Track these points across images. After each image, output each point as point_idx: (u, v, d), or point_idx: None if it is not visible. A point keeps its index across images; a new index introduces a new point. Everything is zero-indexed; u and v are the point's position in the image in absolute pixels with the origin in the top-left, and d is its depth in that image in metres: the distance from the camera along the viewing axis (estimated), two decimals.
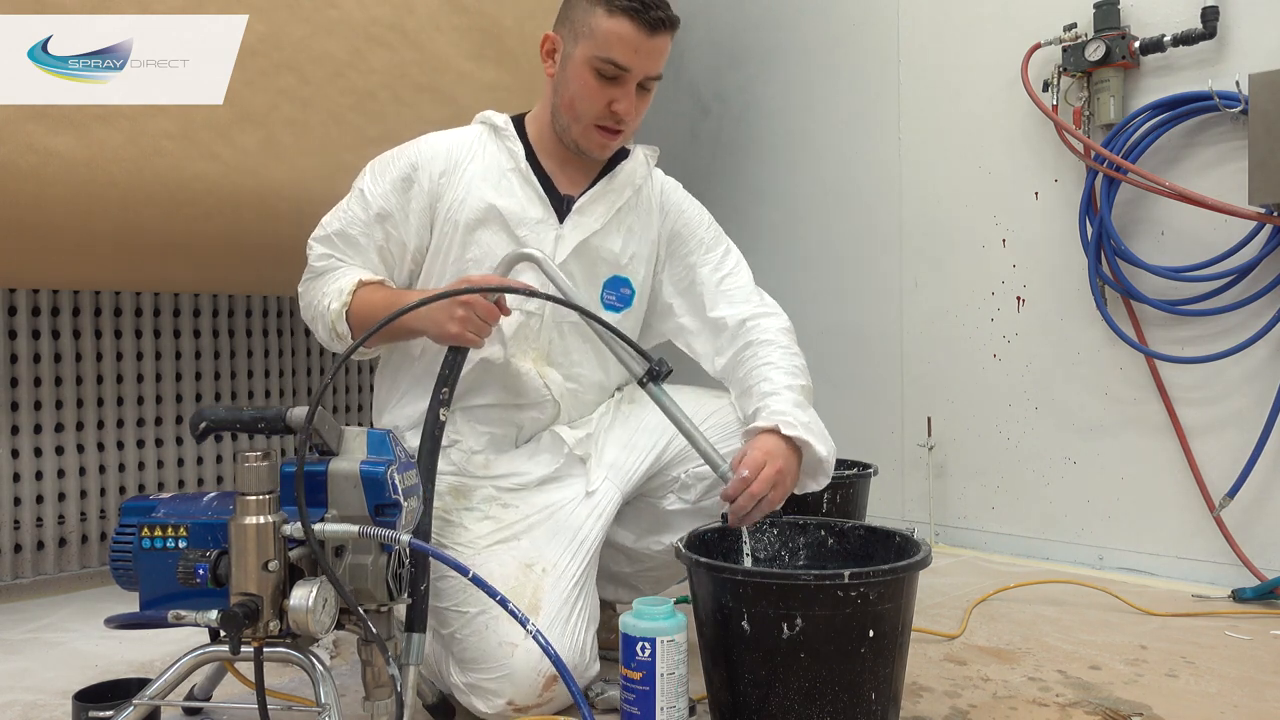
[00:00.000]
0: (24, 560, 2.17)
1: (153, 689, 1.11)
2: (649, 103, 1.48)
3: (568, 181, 1.53)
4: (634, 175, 1.57)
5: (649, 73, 1.42)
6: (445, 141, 1.52)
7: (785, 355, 1.51)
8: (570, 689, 1.00)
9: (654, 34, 1.38)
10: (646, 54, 1.40)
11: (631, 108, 1.43)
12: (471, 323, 1.27)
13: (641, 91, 1.44)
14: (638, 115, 1.47)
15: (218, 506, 1.13)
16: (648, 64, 1.41)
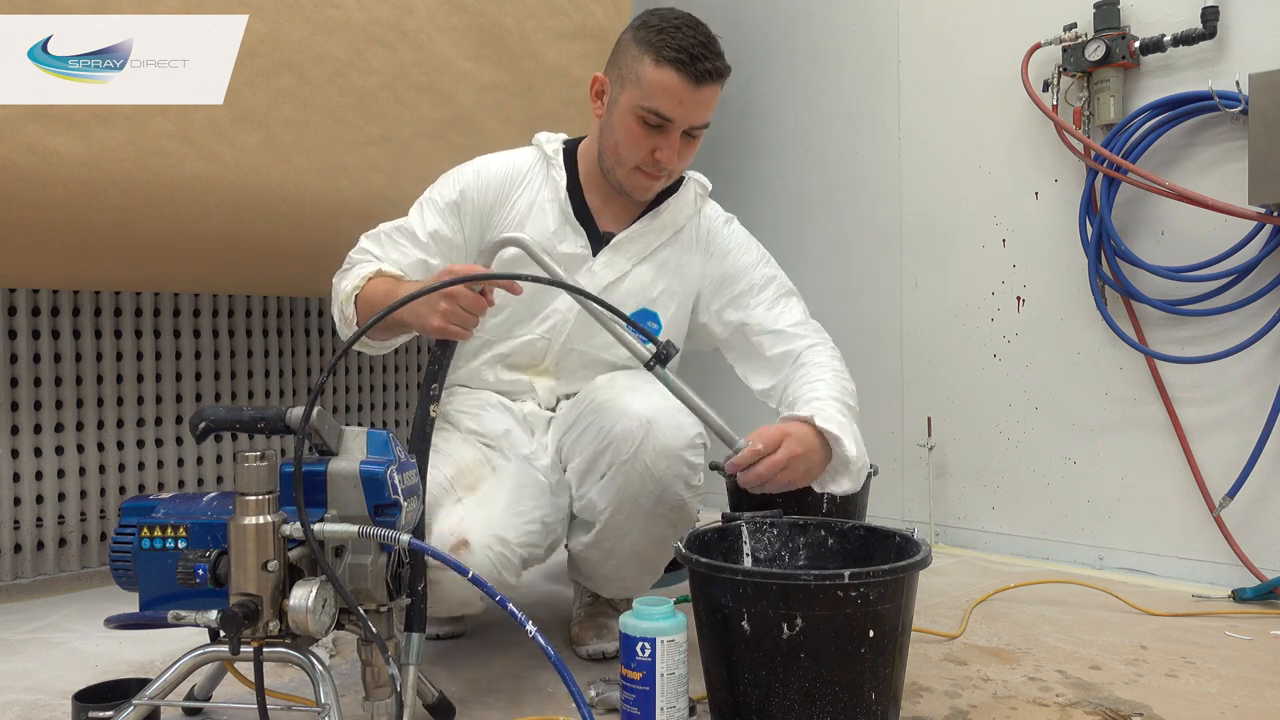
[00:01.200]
0: (24, 560, 2.17)
1: (153, 689, 1.11)
2: (696, 148, 1.49)
3: (611, 217, 1.56)
4: (679, 215, 1.58)
5: (695, 123, 1.44)
6: (501, 169, 1.58)
7: (835, 376, 1.51)
8: (570, 689, 1.00)
9: (700, 86, 1.39)
10: (693, 106, 1.40)
11: (674, 156, 1.45)
12: (455, 315, 1.26)
13: (687, 139, 1.47)
14: (683, 160, 1.48)
15: (218, 506, 1.13)
16: (693, 115, 1.42)
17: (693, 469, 1.44)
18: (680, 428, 1.43)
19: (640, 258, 1.56)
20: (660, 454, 1.41)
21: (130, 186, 1.73)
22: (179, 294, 2.41)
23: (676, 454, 1.42)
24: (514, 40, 2.27)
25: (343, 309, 1.43)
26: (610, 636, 1.63)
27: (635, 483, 1.43)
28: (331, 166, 1.96)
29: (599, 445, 1.45)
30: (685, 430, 1.43)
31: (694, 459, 1.44)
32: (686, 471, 1.43)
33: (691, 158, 1.51)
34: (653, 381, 1.49)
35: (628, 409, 1.43)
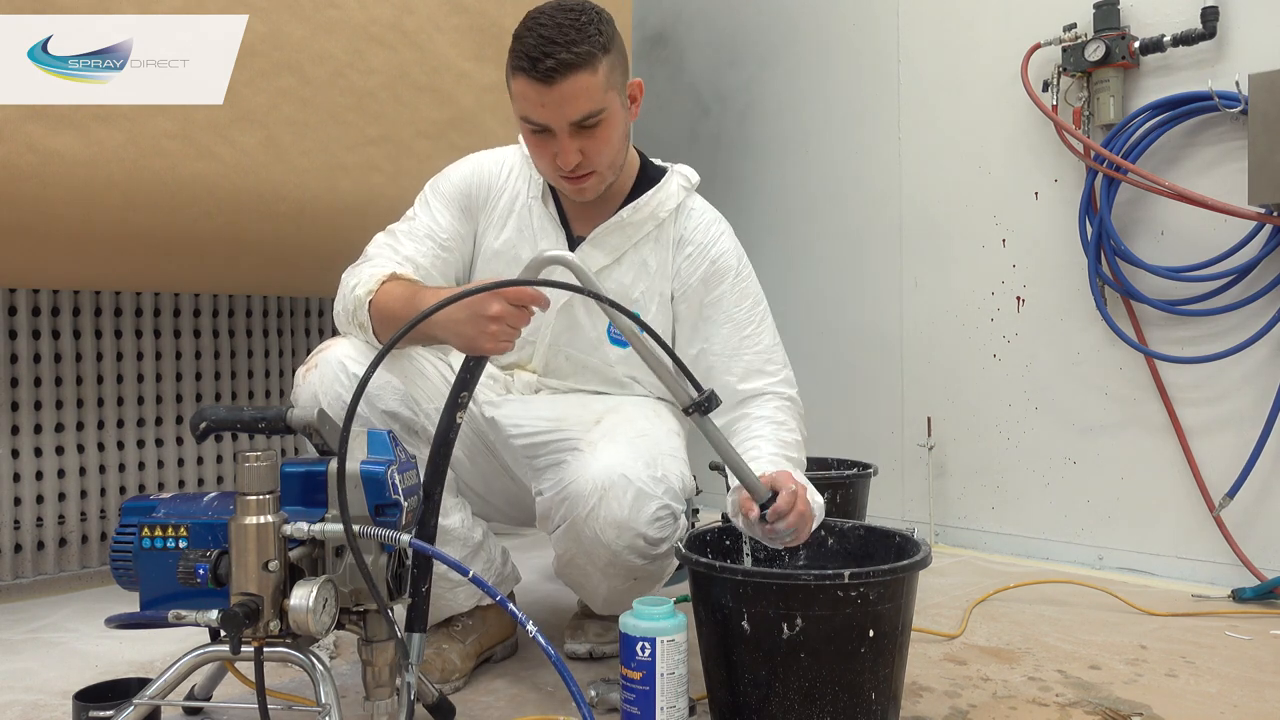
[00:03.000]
0: (24, 560, 2.17)
1: (153, 689, 1.11)
2: (607, 137, 1.36)
3: (584, 217, 1.52)
4: (659, 208, 1.50)
5: (569, 119, 1.31)
6: (493, 165, 1.55)
7: (775, 431, 1.45)
8: (570, 689, 1.00)
9: (552, 84, 1.28)
10: (555, 105, 1.29)
11: (572, 156, 1.33)
12: (504, 334, 1.20)
13: (583, 132, 1.33)
14: (598, 153, 1.36)
15: (218, 506, 1.13)
16: (562, 113, 1.30)
17: (651, 542, 1.35)
18: (641, 499, 1.33)
19: (618, 253, 1.50)
20: (610, 524, 1.33)
21: (130, 186, 1.73)
22: (179, 294, 2.41)
23: (629, 527, 1.33)
24: None
25: (355, 314, 1.37)
26: (584, 638, 1.64)
27: (588, 543, 1.37)
28: (331, 166, 1.96)
29: (557, 494, 1.39)
30: (645, 504, 1.33)
31: (654, 533, 1.35)
32: (642, 545, 1.35)
33: (612, 147, 1.38)
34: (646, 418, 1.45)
35: (588, 467, 1.35)
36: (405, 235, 1.51)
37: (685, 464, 1.46)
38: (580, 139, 1.34)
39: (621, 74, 1.38)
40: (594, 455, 1.36)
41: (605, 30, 1.32)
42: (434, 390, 1.45)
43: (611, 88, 1.34)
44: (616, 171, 1.44)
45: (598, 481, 1.33)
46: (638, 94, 1.44)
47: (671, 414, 1.55)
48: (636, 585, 1.43)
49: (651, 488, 1.34)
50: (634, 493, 1.33)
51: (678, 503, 1.38)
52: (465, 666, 1.51)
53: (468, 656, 1.52)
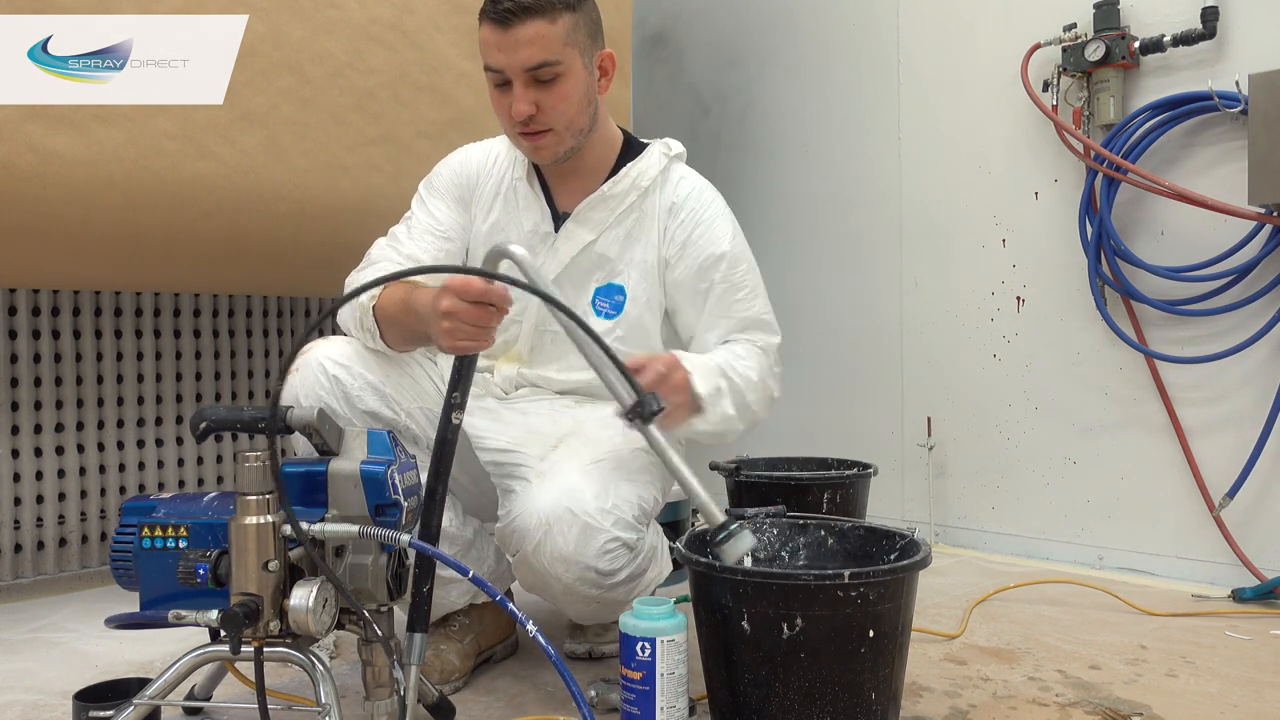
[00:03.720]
0: (24, 560, 2.17)
1: (153, 689, 1.11)
2: (564, 94, 1.37)
3: (567, 193, 1.52)
4: (641, 178, 1.51)
5: (524, 65, 1.34)
6: (479, 154, 1.58)
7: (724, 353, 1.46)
8: (570, 689, 1.00)
9: (509, 27, 1.32)
10: (510, 49, 1.33)
11: (528, 106, 1.36)
12: (459, 332, 1.18)
13: (540, 85, 1.36)
14: (555, 110, 1.38)
15: (218, 506, 1.13)
16: (516, 58, 1.33)
17: (603, 574, 1.32)
18: (586, 533, 1.30)
19: (603, 226, 1.49)
20: (557, 559, 1.31)
21: (130, 186, 1.73)
22: (179, 294, 2.41)
23: (576, 561, 1.30)
24: None
25: (362, 320, 1.38)
26: (584, 638, 1.64)
27: (540, 575, 1.35)
28: (331, 166, 1.96)
29: (507, 525, 1.37)
30: (592, 538, 1.30)
31: (604, 565, 1.32)
32: (594, 576, 1.32)
33: (569, 106, 1.39)
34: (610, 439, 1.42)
35: (535, 500, 1.33)
36: (404, 235, 1.52)
37: (650, 484, 1.43)
38: (536, 91, 1.36)
39: (588, 37, 1.40)
40: (541, 487, 1.34)
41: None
42: (417, 390, 1.45)
43: (572, 45, 1.36)
44: (577, 136, 1.44)
45: (542, 515, 1.31)
46: (609, 66, 1.46)
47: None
48: (601, 609, 1.42)
49: (598, 520, 1.31)
50: (579, 527, 1.30)
51: (631, 532, 1.34)
52: (464, 666, 1.51)
53: (466, 656, 1.52)
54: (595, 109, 1.46)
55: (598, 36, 1.43)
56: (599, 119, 1.48)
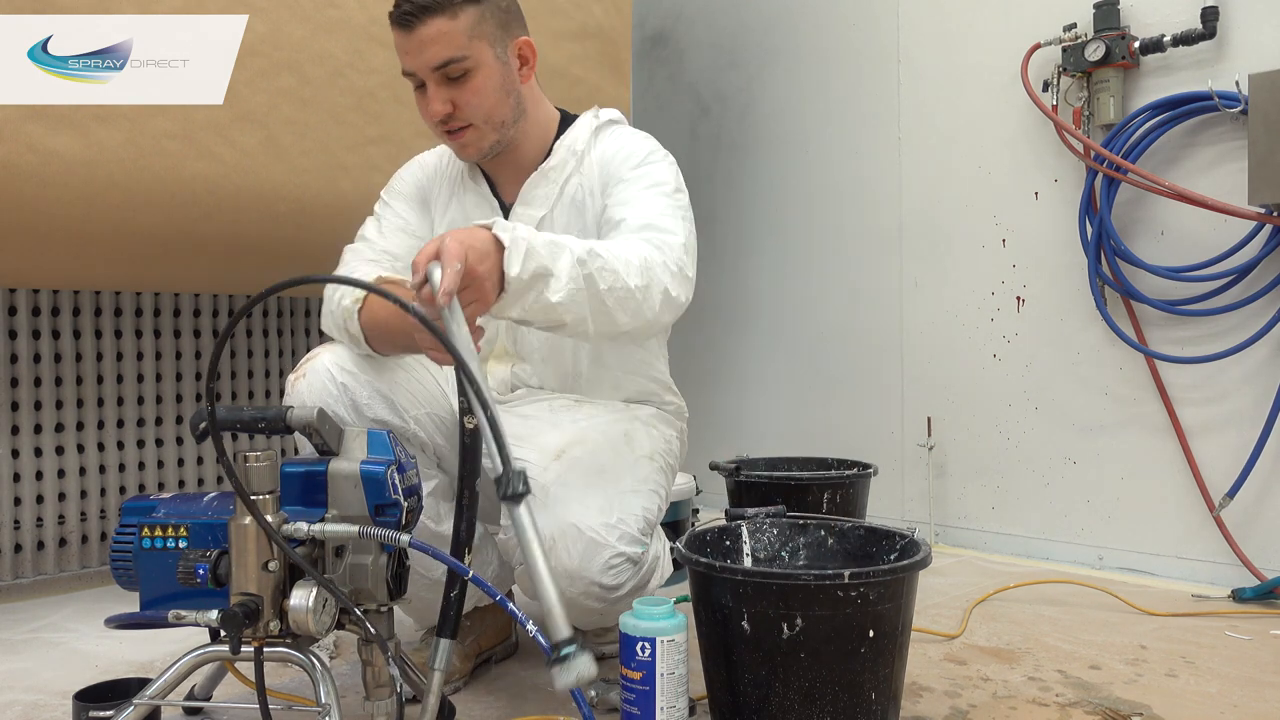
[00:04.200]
0: (24, 560, 2.17)
1: (153, 689, 1.11)
2: (477, 89, 1.36)
3: (510, 184, 1.51)
4: (574, 144, 1.48)
5: (430, 64, 1.34)
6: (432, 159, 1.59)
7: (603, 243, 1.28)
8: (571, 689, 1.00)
9: (412, 29, 1.32)
10: (416, 49, 1.33)
11: (443, 105, 1.36)
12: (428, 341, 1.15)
13: (452, 83, 1.36)
14: (470, 105, 1.37)
15: (218, 506, 1.13)
16: (421, 59, 1.34)
17: (607, 588, 1.31)
18: (591, 549, 1.29)
19: (549, 202, 1.48)
20: (562, 575, 1.28)
21: (130, 186, 1.73)
22: (179, 294, 2.41)
23: (581, 576, 1.29)
24: None
25: (346, 325, 1.36)
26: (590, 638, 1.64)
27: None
28: (331, 166, 1.96)
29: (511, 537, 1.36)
30: (597, 554, 1.29)
31: (609, 580, 1.31)
32: (598, 591, 1.31)
33: (485, 100, 1.37)
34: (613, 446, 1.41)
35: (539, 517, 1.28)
36: (376, 234, 1.52)
37: (655, 492, 1.43)
38: (449, 89, 1.36)
39: (497, 27, 1.38)
40: (545, 500, 1.33)
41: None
42: (426, 395, 1.45)
43: (479, 38, 1.35)
44: (500, 129, 1.42)
45: (547, 531, 1.29)
46: (529, 54, 1.43)
47: (647, 429, 1.51)
48: (604, 618, 1.41)
49: (604, 536, 1.30)
50: (585, 543, 1.29)
51: (635, 546, 1.33)
52: (465, 667, 1.51)
53: (467, 657, 1.52)
54: (518, 99, 1.43)
55: (511, 25, 1.41)
56: (526, 108, 1.46)
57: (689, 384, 1.51)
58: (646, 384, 1.59)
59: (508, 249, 1.10)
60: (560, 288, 1.14)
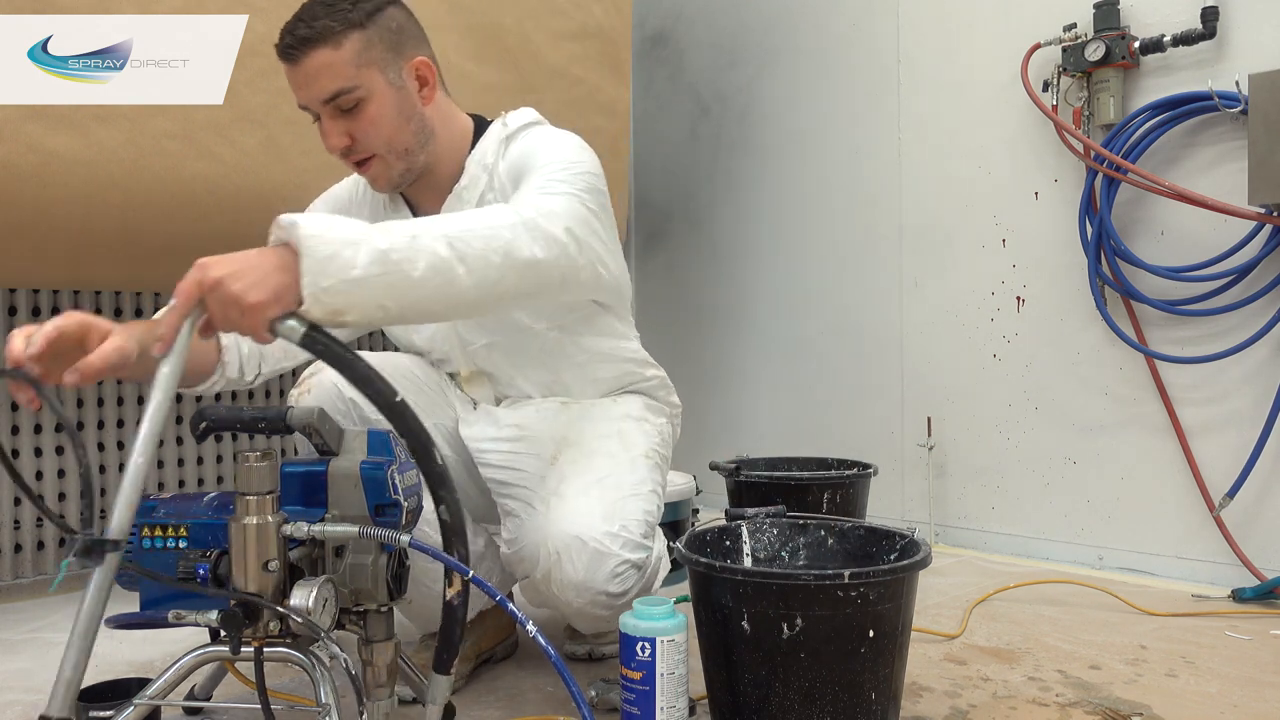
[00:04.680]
0: (24, 560, 2.17)
1: (153, 689, 1.11)
2: (372, 118, 1.30)
3: (431, 205, 1.45)
4: (484, 159, 1.41)
5: (319, 98, 1.28)
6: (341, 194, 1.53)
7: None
8: (570, 690, 1.00)
9: (296, 63, 1.27)
10: (303, 83, 1.28)
11: (339, 138, 1.30)
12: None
13: (345, 114, 1.29)
14: (367, 135, 1.31)
15: (218, 506, 1.13)
16: (311, 91, 1.28)
17: (613, 596, 1.31)
18: (597, 559, 1.29)
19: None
20: (568, 586, 1.30)
21: (130, 186, 1.73)
22: None
23: (588, 587, 1.29)
24: (514, 40, 2.27)
25: None
26: (583, 638, 1.64)
27: (551, 599, 1.35)
28: (331, 166, 1.93)
29: (515, 551, 1.38)
30: (602, 564, 1.29)
31: (614, 588, 1.30)
32: (604, 599, 1.31)
33: (382, 129, 1.31)
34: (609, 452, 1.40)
35: (542, 528, 1.32)
36: None
37: (653, 493, 1.42)
38: (344, 121, 1.30)
39: (387, 51, 1.30)
40: (548, 514, 1.32)
41: (364, 6, 1.28)
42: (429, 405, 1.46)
43: (368, 65, 1.28)
44: (405, 156, 1.35)
45: (551, 545, 1.30)
46: (428, 74, 1.36)
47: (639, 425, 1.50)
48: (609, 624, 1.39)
49: (608, 545, 1.29)
50: (589, 554, 1.29)
51: (639, 551, 1.33)
52: (464, 668, 1.51)
53: (466, 658, 1.52)
54: (421, 122, 1.36)
55: (404, 46, 1.33)
56: (434, 129, 1.38)
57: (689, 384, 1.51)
58: (623, 366, 1.55)
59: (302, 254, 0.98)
60: (363, 264, 0.99)
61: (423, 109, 1.36)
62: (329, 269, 0.97)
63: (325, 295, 0.96)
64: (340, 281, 0.97)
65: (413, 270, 1.01)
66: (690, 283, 3.29)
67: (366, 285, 0.98)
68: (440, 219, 1.10)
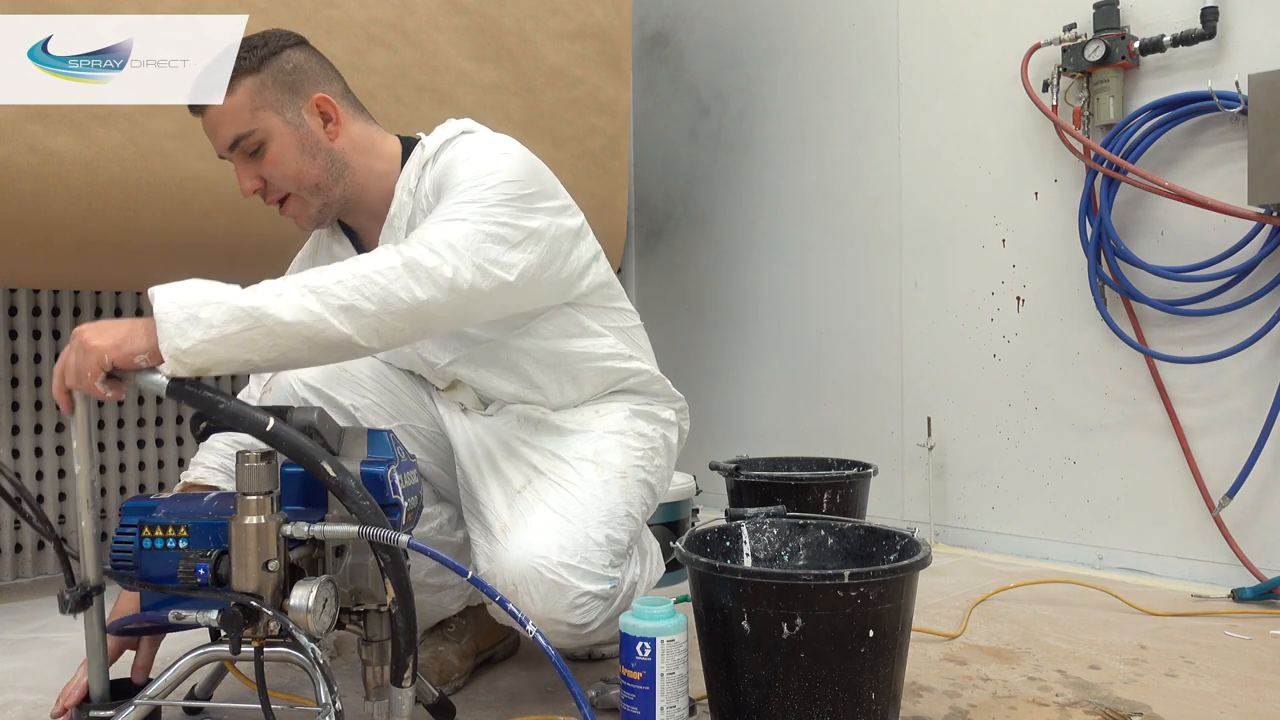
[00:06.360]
0: (24, 560, 2.17)
1: (153, 689, 1.11)
2: (276, 159, 1.33)
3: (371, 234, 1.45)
4: (408, 184, 1.40)
5: (224, 145, 1.33)
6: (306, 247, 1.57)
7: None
8: (570, 689, 1.00)
9: (201, 114, 1.34)
10: (211, 133, 1.35)
11: (251, 181, 1.34)
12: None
13: (251, 158, 1.33)
14: (275, 176, 1.34)
15: (218, 506, 1.13)
16: (217, 141, 1.35)
17: (577, 626, 1.29)
18: (554, 592, 1.27)
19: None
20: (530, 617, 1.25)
21: (130, 186, 1.73)
22: None
23: (547, 618, 1.27)
24: (514, 40, 2.27)
25: None
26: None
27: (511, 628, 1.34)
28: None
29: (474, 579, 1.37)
30: (561, 596, 1.27)
31: (576, 619, 1.29)
32: (566, 629, 1.29)
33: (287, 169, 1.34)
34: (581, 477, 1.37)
35: (499, 558, 1.30)
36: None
37: (629, 517, 1.38)
38: (253, 164, 1.34)
39: (283, 92, 1.32)
40: (506, 544, 1.30)
41: (256, 54, 1.32)
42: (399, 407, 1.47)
43: (263, 108, 1.31)
44: (318, 192, 1.37)
45: (508, 576, 1.28)
46: (331, 110, 1.35)
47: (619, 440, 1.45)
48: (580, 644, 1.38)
49: (565, 577, 1.27)
50: (546, 586, 1.27)
51: (602, 583, 1.30)
52: (464, 666, 1.51)
53: (465, 656, 1.52)
54: (330, 157, 1.36)
55: (302, 86, 1.34)
56: (349, 161, 1.38)
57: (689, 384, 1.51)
58: (600, 364, 1.48)
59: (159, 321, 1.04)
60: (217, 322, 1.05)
61: (329, 144, 1.36)
62: (188, 331, 1.05)
63: (185, 356, 1.05)
64: (199, 341, 1.05)
65: (274, 325, 1.07)
66: (690, 282, 3.29)
67: (226, 342, 1.06)
68: (314, 273, 1.14)
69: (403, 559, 1.06)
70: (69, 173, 1.65)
